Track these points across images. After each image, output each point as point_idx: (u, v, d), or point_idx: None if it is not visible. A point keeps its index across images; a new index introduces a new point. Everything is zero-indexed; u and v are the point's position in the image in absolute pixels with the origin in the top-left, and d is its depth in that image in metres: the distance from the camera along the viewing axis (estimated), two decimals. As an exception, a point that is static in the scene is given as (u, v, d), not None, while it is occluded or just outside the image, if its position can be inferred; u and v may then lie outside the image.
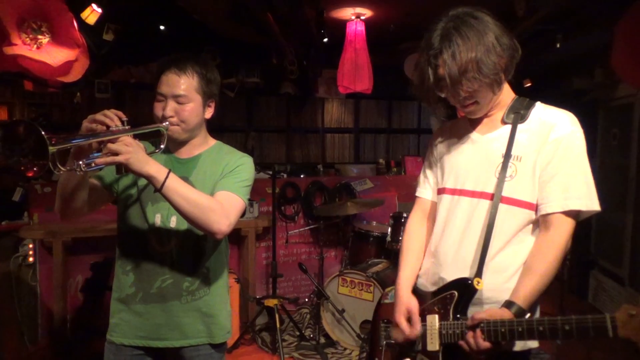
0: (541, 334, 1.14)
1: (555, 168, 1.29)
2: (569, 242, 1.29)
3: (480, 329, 1.22)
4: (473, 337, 1.23)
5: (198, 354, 1.54)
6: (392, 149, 6.76)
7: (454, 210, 1.41)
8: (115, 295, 1.56)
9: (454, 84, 1.27)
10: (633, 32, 2.35)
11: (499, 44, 1.26)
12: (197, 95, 1.49)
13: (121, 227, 1.57)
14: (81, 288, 3.46)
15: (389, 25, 4.61)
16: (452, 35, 1.25)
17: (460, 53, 1.24)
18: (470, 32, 1.25)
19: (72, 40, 2.51)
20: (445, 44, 1.25)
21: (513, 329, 1.17)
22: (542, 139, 1.31)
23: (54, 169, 1.16)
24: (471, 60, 1.23)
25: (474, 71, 1.24)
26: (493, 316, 1.22)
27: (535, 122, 1.34)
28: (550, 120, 1.32)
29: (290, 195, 4.37)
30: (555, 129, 1.30)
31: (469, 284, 1.31)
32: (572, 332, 1.08)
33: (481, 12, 1.30)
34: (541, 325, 1.14)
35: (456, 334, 1.29)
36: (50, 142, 1.10)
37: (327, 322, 3.52)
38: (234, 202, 1.45)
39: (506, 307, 1.25)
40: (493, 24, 1.28)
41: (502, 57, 1.27)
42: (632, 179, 3.87)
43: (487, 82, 1.27)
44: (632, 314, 1.00)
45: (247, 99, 6.00)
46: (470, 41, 1.24)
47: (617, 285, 4.02)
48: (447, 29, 1.27)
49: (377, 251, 3.82)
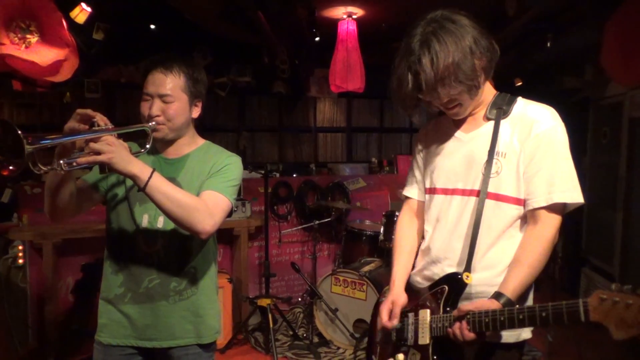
0: (521, 321, 1.17)
1: (539, 163, 1.31)
2: (556, 235, 1.32)
3: (466, 320, 1.24)
4: (459, 328, 1.25)
5: (187, 353, 1.54)
6: (384, 148, 6.78)
7: (446, 210, 1.43)
8: (104, 296, 1.56)
9: (433, 89, 1.28)
10: (623, 31, 2.37)
11: (477, 47, 1.27)
12: (183, 94, 1.49)
13: (109, 228, 1.57)
14: (72, 290, 3.43)
15: (381, 24, 4.61)
16: (430, 41, 1.25)
17: (438, 59, 1.24)
18: (448, 37, 1.25)
19: (61, 40, 2.49)
20: (423, 50, 1.26)
21: (495, 318, 1.20)
22: (524, 134, 1.33)
23: (34, 168, 1.16)
24: (449, 66, 1.24)
25: (451, 77, 1.26)
26: (480, 307, 1.24)
27: (517, 117, 1.36)
28: (532, 115, 1.34)
29: (282, 195, 4.37)
30: (536, 124, 1.32)
31: (459, 278, 1.34)
32: (548, 318, 1.12)
33: (460, 15, 1.30)
34: (521, 314, 1.17)
35: (445, 327, 1.31)
36: (27, 141, 1.09)
37: (320, 321, 3.52)
38: (219, 202, 1.44)
39: (495, 299, 1.27)
40: (471, 26, 1.29)
41: (480, 60, 1.29)
42: (622, 177, 3.90)
43: (466, 87, 1.29)
44: (603, 298, 1.03)
45: (238, 99, 5.98)
46: (448, 47, 1.24)
47: (607, 282, 4.05)
48: (425, 34, 1.27)
49: (370, 250, 3.82)
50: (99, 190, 1.53)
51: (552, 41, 3.84)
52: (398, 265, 1.53)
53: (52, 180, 1.36)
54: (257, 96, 6.10)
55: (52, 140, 1.20)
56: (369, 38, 4.50)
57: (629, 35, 2.30)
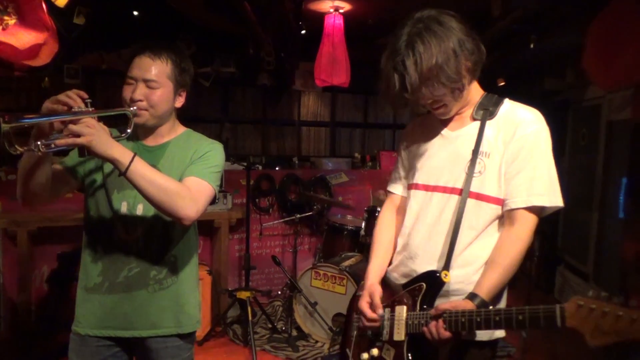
0: (497, 323, 1.18)
1: (520, 165, 1.32)
2: (532, 237, 1.33)
3: (443, 319, 1.26)
4: (435, 327, 1.27)
5: (166, 346, 1.52)
6: (367, 143, 6.80)
7: (426, 206, 1.44)
8: (82, 285, 1.52)
9: (417, 90, 1.29)
10: (604, 35, 2.41)
11: (462, 49, 1.27)
12: (168, 81, 1.47)
13: (87, 215, 1.53)
14: (47, 279, 3.37)
15: (367, 19, 4.62)
16: (415, 42, 1.26)
17: (422, 61, 1.24)
18: (433, 39, 1.25)
19: (40, 23, 2.42)
20: (408, 51, 1.26)
21: (472, 319, 1.22)
22: (508, 136, 1.34)
23: (9, 149, 1.12)
24: (432, 68, 1.25)
25: (435, 79, 1.26)
26: (456, 307, 1.26)
27: (502, 119, 1.37)
28: (517, 117, 1.35)
29: (265, 188, 4.35)
30: (521, 126, 1.33)
31: (437, 276, 1.34)
32: (525, 321, 1.13)
33: (446, 16, 1.30)
34: (498, 316, 1.19)
35: (421, 324, 1.32)
36: (3, 119, 1.07)
37: (299, 315, 3.52)
38: (202, 188, 1.42)
39: (469, 299, 1.28)
40: (458, 28, 1.29)
41: (466, 61, 1.29)
42: (599, 178, 3.99)
43: (449, 89, 1.30)
44: (580, 305, 1.05)
45: (222, 90, 5.92)
46: (432, 49, 1.24)
47: (581, 282, 4.15)
48: (411, 35, 1.27)
49: (351, 245, 3.84)
50: (76, 175, 1.50)
51: (535, 43, 3.89)
52: (376, 258, 1.54)
53: (27, 162, 1.31)
54: (241, 87, 6.05)
55: (30, 120, 1.17)
56: (355, 33, 4.50)
57: (611, 39, 2.35)
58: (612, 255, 3.65)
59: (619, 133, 3.69)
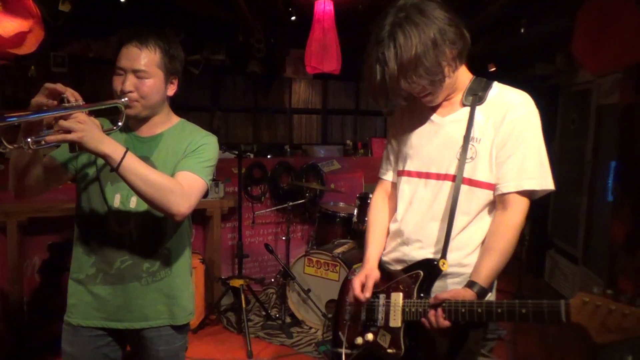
0: (499, 315, 1.19)
1: (511, 149, 1.32)
2: (524, 220, 1.34)
3: (442, 308, 1.26)
4: (434, 316, 1.27)
5: (159, 334, 1.52)
6: (359, 130, 6.79)
7: (419, 193, 1.44)
8: (74, 276, 1.51)
9: (395, 82, 1.28)
10: (593, 19, 2.41)
11: (443, 39, 1.25)
12: (158, 70, 1.44)
13: (79, 207, 1.52)
14: (38, 269, 3.35)
15: (358, 5, 4.57)
16: (395, 34, 1.24)
17: (402, 52, 1.23)
18: (413, 29, 1.23)
19: (25, 10, 2.37)
20: (389, 43, 1.25)
21: (473, 309, 1.22)
22: (498, 120, 1.34)
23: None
24: (411, 60, 1.23)
25: (412, 71, 1.25)
26: (455, 297, 1.26)
27: (492, 103, 1.36)
28: (507, 101, 1.35)
29: (257, 176, 4.34)
30: (511, 110, 1.33)
31: (435, 264, 1.35)
32: (528, 315, 1.13)
33: (429, 3, 1.28)
34: (500, 308, 1.19)
35: (419, 312, 1.33)
36: None
37: (292, 301, 3.54)
38: (195, 183, 1.41)
39: (469, 287, 1.29)
40: (440, 16, 1.26)
41: (449, 51, 1.28)
42: (588, 162, 4.02)
43: (428, 80, 1.28)
44: (585, 301, 1.05)
45: (212, 77, 5.87)
46: (412, 40, 1.23)
47: (571, 265, 4.21)
48: (393, 25, 1.25)
49: (344, 232, 3.86)
50: (68, 169, 1.49)
51: (526, 27, 3.89)
52: (372, 244, 1.54)
53: (18, 159, 1.30)
54: (231, 75, 5.99)
55: (19, 118, 1.14)
56: (345, 19, 4.45)
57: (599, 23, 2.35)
58: (601, 238, 3.70)
59: (608, 117, 3.71)
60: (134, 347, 1.58)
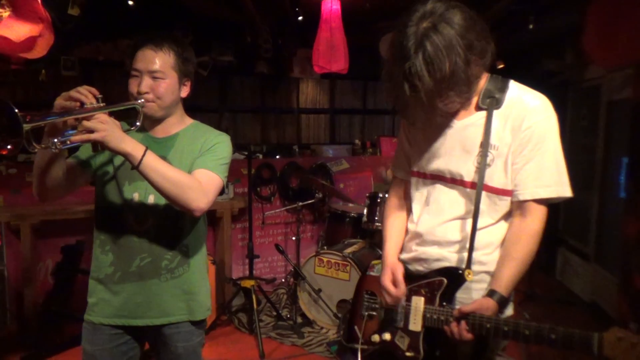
0: (526, 337, 1.18)
1: (528, 155, 1.30)
2: (544, 227, 1.33)
3: (466, 322, 1.26)
4: (457, 328, 1.27)
5: (178, 331, 1.55)
6: (367, 129, 6.78)
7: (435, 195, 1.43)
8: (94, 275, 1.55)
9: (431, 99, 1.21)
10: (605, 13, 2.38)
11: (473, 52, 1.19)
12: (173, 72, 1.49)
13: (98, 206, 1.56)
14: (52, 271, 3.38)
15: (365, 4, 4.56)
16: (424, 48, 1.15)
17: (434, 70, 1.16)
18: (442, 44, 1.15)
19: (35, 15, 2.40)
20: (418, 59, 1.16)
21: (499, 327, 1.22)
22: (517, 125, 1.31)
23: (29, 147, 1.15)
24: (444, 78, 1.17)
25: (445, 89, 1.20)
26: (480, 309, 1.26)
27: (510, 107, 1.32)
28: (525, 106, 1.31)
29: (266, 176, 4.35)
30: (529, 115, 1.30)
31: (460, 274, 1.34)
32: (557, 342, 1.12)
33: (452, 13, 1.19)
34: (527, 330, 1.18)
35: (440, 320, 1.33)
36: (25, 120, 1.09)
37: (303, 302, 3.55)
38: (211, 180, 1.46)
39: (489, 297, 1.29)
40: (466, 26, 1.18)
41: (475, 66, 1.22)
42: (599, 159, 3.98)
43: (457, 96, 1.24)
44: (620, 337, 1.04)
45: (220, 78, 5.88)
46: (444, 57, 1.15)
47: (583, 262, 4.17)
48: (419, 38, 1.17)
49: (353, 231, 3.85)
50: (88, 168, 1.53)
51: (534, 23, 3.86)
52: (390, 242, 1.53)
53: (42, 159, 1.35)
54: (239, 76, 6.00)
55: (50, 118, 1.19)
56: (352, 18, 4.45)
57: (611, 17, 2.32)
58: (613, 235, 3.67)
59: (619, 113, 3.67)
60: (153, 344, 1.61)
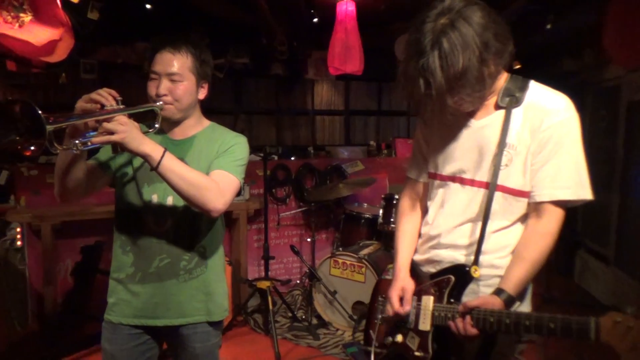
0: (527, 328, 1.18)
1: (547, 156, 1.27)
2: (559, 230, 1.31)
3: (471, 316, 1.26)
4: (462, 323, 1.27)
5: (195, 331, 1.56)
6: (382, 131, 6.75)
7: (451, 197, 1.41)
8: (114, 276, 1.57)
9: (441, 95, 1.20)
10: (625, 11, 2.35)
11: (488, 53, 1.18)
12: (190, 74, 1.50)
13: (118, 208, 1.58)
14: (71, 272, 3.44)
15: (380, 5, 4.55)
16: (440, 45, 1.15)
17: (448, 67, 1.15)
18: (459, 43, 1.15)
19: (55, 19, 2.44)
20: (433, 55, 1.16)
21: (501, 320, 1.21)
22: (536, 125, 1.28)
23: (51, 148, 1.17)
24: (457, 76, 1.16)
25: (459, 86, 1.19)
26: (485, 304, 1.25)
27: (529, 107, 1.30)
28: (545, 105, 1.28)
29: (281, 178, 4.36)
30: (550, 115, 1.27)
31: (467, 271, 1.34)
32: (556, 330, 1.12)
33: (471, 10, 1.18)
34: (528, 320, 1.18)
35: (448, 317, 1.32)
36: (48, 121, 1.11)
37: (319, 303, 3.55)
38: (229, 181, 1.47)
39: (496, 295, 1.28)
40: (484, 25, 1.17)
41: (493, 63, 1.20)
42: (619, 160, 3.91)
43: (470, 95, 1.22)
44: (617, 321, 1.03)
45: (235, 80, 5.92)
46: (458, 55, 1.15)
47: (602, 265, 4.10)
48: (436, 34, 1.16)
49: (369, 233, 3.84)
50: (108, 170, 1.55)
51: (552, 23, 3.81)
52: (402, 248, 1.53)
53: (63, 161, 1.38)
54: (254, 78, 6.03)
55: (71, 120, 1.22)
56: (367, 19, 4.44)
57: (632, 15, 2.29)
58: (633, 238, 3.60)
59: None
60: (171, 344, 1.63)
